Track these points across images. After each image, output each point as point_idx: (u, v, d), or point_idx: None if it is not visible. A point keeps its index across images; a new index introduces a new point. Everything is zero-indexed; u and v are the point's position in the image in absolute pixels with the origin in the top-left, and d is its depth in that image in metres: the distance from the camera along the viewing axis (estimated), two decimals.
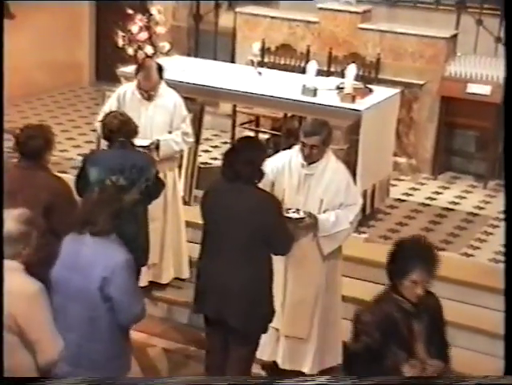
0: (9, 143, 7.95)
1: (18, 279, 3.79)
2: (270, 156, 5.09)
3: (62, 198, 4.94)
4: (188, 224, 6.44)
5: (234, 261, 4.57)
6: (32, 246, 3.88)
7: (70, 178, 5.65)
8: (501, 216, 6.62)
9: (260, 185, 4.85)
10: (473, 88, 7.58)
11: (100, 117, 6.11)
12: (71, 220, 4.51)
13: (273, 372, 5.48)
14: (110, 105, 6.16)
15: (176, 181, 6.33)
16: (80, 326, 4.14)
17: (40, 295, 3.79)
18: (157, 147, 6.00)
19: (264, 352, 5.42)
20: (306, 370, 5.37)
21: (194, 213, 6.42)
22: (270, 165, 5.21)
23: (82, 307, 4.12)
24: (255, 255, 4.60)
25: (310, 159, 5.10)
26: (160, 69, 6.07)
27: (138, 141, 5.92)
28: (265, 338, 5.35)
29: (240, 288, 4.58)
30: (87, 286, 4.09)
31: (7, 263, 3.77)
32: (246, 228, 4.53)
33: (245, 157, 4.56)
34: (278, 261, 5.20)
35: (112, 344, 4.20)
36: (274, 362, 5.47)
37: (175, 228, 6.27)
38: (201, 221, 4.87)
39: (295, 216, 5.00)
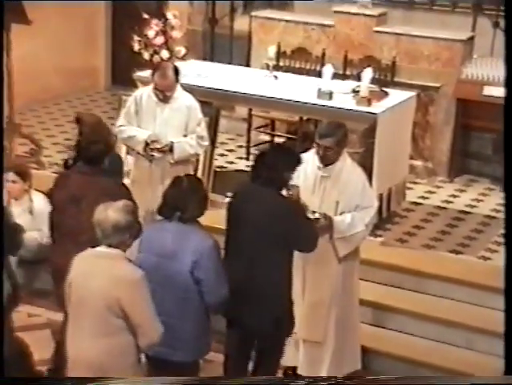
0: (25, 147, 8.05)
1: (122, 266, 4.09)
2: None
3: None
4: (205, 228, 6.43)
5: (254, 264, 4.60)
6: (134, 236, 4.17)
7: None
8: None
9: None
10: (489, 90, 7.53)
11: (121, 121, 6.14)
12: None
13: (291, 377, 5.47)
14: (128, 108, 6.19)
15: None
16: (171, 308, 4.34)
17: (143, 282, 4.07)
18: (171, 149, 6.02)
19: (284, 358, 5.41)
20: (323, 375, 5.34)
21: (211, 217, 6.44)
22: None
23: (173, 290, 4.35)
24: (275, 259, 4.62)
25: (325, 160, 5.11)
26: (176, 70, 6.08)
27: (152, 143, 5.97)
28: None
29: (259, 291, 4.62)
30: (178, 271, 4.33)
31: (112, 251, 4.10)
32: (266, 233, 4.56)
33: (270, 162, 4.62)
34: (294, 263, 5.20)
35: (200, 324, 4.46)
36: (295, 368, 5.47)
37: None
38: (217, 225, 4.89)
39: (310, 217, 5.01)
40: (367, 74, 6.55)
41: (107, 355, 4.02)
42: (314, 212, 5.03)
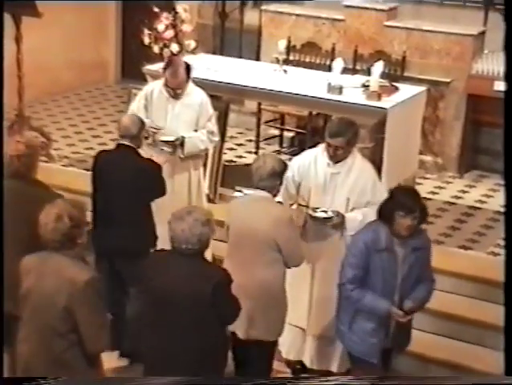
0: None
1: (276, 207, 4.81)
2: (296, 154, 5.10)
3: None
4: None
5: None
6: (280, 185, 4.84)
7: None
8: None
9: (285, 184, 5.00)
10: (500, 86, 7.48)
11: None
12: None
13: (300, 371, 5.48)
14: (138, 103, 6.19)
15: (200, 180, 6.35)
16: None
17: (293, 220, 4.76)
18: (182, 143, 6.02)
19: (290, 351, 5.43)
20: (334, 369, 5.36)
21: (219, 211, 6.45)
22: (296, 164, 5.23)
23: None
24: None
25: (335, 159, 5.10)
26: (188, 68, 6.07)
27: (163, 137, 5.96)
28: (291, 338, 5.35)
29: None
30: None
31: (266, 194, 4.72)
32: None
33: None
34: (305, 261, 5.19)
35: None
36: (301, 362, 5.47)
37: None
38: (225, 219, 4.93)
39: (323, 215, 5.01)
40: (378, 67, 6.52)
41: (267, 282, 4.56)
42: (326, 210, 5.03)
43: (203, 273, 4.03)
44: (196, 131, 6.11)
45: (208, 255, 6.32)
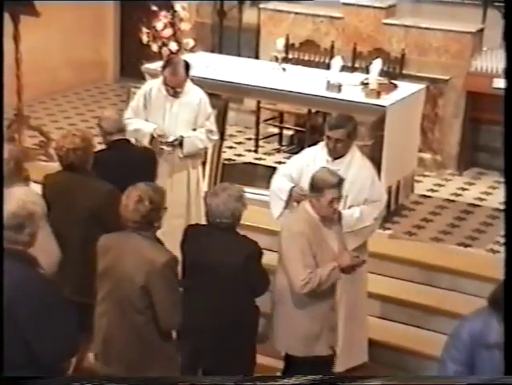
0: (34, 139, 8.07)
1: (295, 220, 4.67)
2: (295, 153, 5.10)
3: None
4: None
5: None
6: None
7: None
8: None
9: (285, 181, 5.04)
10: (499, 83, 7.49)
11: (128, 114, 6.14)
12: None
13: None
14: (137, 101, 6.18)
15: (199, 178, 6.34)
16: None
17: (303, 236, 4.56)
18: (181, 143, 6.02)
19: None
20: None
21: None
22: (295, 162, 5.22)
23: None
24: None
25: (335, 153, 5.09)
26: (187, 66, 6.06)
27: (159, 137, 5.96)
28: None
29: None
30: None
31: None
32: None
33: None
34: None
35: None
36: None
37: None
38: None
39: None
40: (376, 65, 6.53)
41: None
42: None
43: (236, 245, 4.30)
44: (194, 130, 6.11)
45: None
